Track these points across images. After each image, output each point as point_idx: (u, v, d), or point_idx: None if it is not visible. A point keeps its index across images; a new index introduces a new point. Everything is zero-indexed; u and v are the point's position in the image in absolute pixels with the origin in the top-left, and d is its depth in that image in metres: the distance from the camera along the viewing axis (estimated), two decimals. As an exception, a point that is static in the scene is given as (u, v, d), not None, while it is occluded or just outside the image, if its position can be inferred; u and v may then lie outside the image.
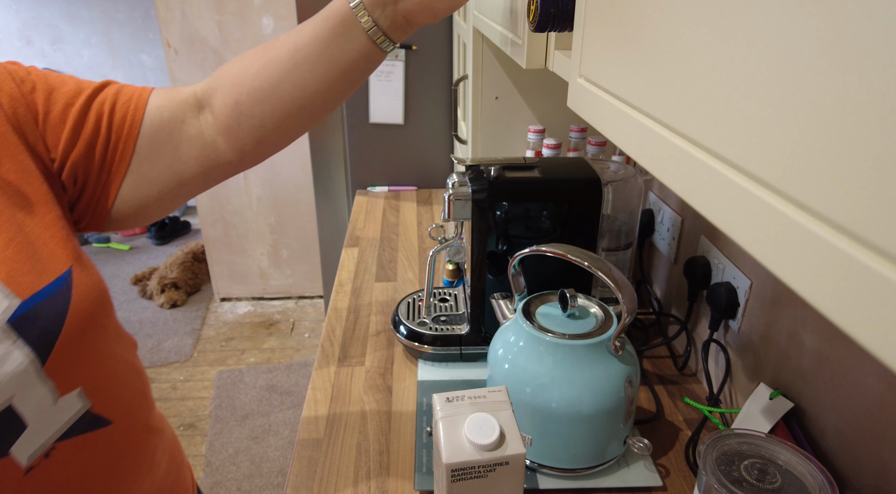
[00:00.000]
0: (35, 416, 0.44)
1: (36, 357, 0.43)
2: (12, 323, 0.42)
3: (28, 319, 0.43)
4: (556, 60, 0.60)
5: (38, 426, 0.44)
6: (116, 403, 0.52)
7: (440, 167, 1.72)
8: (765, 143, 0.22)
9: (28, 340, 0.43)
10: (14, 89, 0.49)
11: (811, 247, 0.20)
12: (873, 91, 0.17)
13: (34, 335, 0.43)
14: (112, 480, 0.52)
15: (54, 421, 0.46)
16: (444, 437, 0.53)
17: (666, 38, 0.31)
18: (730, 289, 0.76)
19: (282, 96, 0.55)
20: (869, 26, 0.17)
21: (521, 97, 1.19)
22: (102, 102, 0.53)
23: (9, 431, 0.43)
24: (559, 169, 0.82)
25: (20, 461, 0.44)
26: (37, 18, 2.67)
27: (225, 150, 0.57)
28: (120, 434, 0.52)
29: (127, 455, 0.54)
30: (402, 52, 1.57)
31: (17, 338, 0.42)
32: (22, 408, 0.43)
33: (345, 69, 0.55)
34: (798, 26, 0.20)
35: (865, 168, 0.17)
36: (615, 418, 0.66)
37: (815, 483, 0.49)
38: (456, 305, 0.96)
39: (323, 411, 0.81)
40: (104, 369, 0.51)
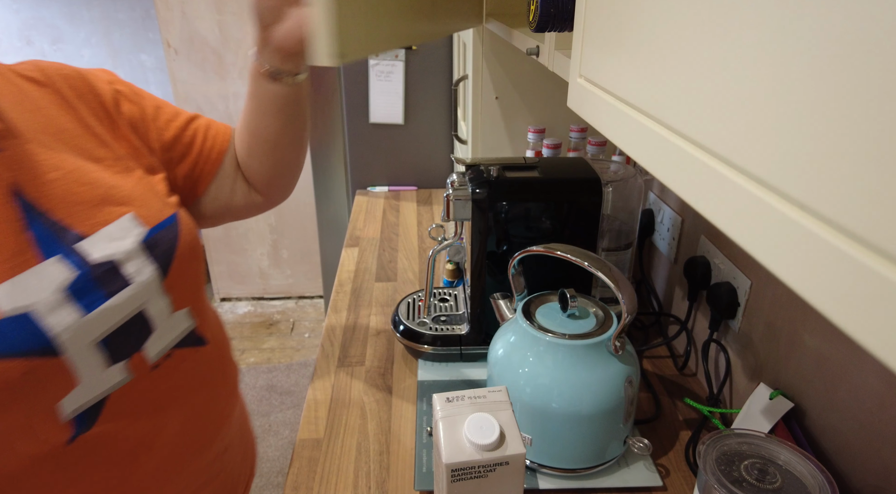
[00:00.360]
0: (159, 322, 0.56)
1: (160, 273, 0.56)
2: (145, 243, 0.55)
3: (154, 243, 0.56)
4: (556, 60, 0.60)
5: (161, 331, 0.56)
6: (210, 329, 0.64)
7: (440, 167, 1.72)
8: (764, 143, 0.22)
9: (155, 258, 0.55)
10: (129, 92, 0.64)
11: (811, 247, 0.20)
12: (872, 92, 0.17)
13: (158, 255, 0.56)
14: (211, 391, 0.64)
15: (171, 331, 0.58)
16: (444, 437, 0.53)
17: (665, 38, 0.31)
18: (730, 289, 0.76)
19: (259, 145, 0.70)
20: (867, 27, 0.17)
21: (521, 97, 1.19)
22: (197, 127, 0.70)
23: (141, 331, 0.54)
24: (559, 169, 0.82)
25: (149, 358, 0.55)
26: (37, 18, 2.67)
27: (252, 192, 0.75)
28: (214, 355, 0.64)
29: (218, 375, 0.66)
30: (402, 52, 1.57)
31: (148, 256, 0.55)
32: (150, 314, 0.55)
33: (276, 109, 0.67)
34: (796, 28, 0.20)
35: (865, 168, 0.17)
36: (615, 418, 0.66)
37: (815, 483, 0.49)
38: (456, 305, 0.96)
39: (323, 411, 0.81)
40: (201, 298, 0.63)
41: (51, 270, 0.48)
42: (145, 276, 0.54)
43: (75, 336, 0.49)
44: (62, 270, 0.49)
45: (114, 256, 0.52)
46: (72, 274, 0.49)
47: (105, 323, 0.51)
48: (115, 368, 0.52)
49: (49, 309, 0.47)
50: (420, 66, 1.60)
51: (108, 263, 0.52)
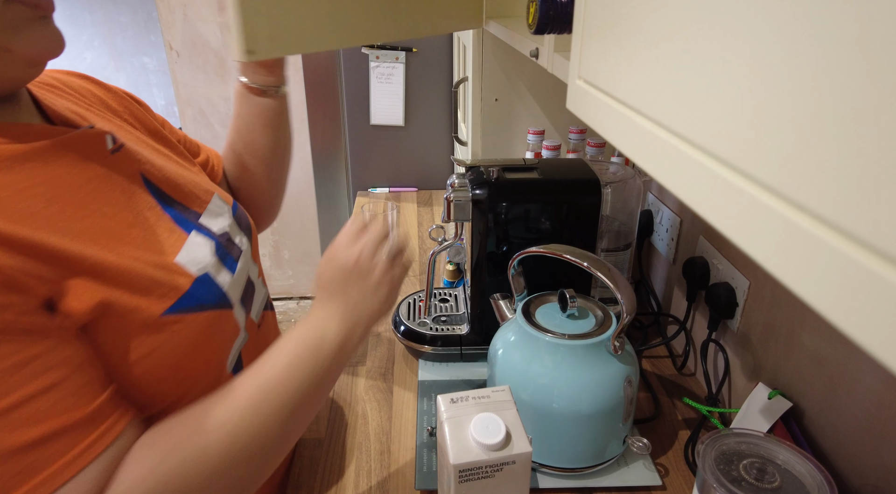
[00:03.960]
0: (256, 286, 0.64)
1: (248, 243, 0.64)
2: (234, 218, 0.63)
3: (239, 218, 0.65)
4: (555, 62, 0.60)
5: (257, 294, 0.64)
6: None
7: (440, 168, 1.72)
8: (762, 144, 0.23)
9: (243, 231, 0.64)
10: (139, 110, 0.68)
11: (809, 247, 0.20)
12: (872, 93, 0.17)
13: (244, 228, 0.64)
14: None
15: (261, 294, 0.66)
16: (450, 438, 0.53)
17: (664, 40, 0.31)
18: (728, 290, 0.76)
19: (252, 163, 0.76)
20: (866, 30, 0.17)
21: (520, 99, 1.20)
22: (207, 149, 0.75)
23: (250, 292, 0.62)
24: (559, 170, 0.83)
25: (255, 319, 0.63)
26: (38, 21, 2.67)
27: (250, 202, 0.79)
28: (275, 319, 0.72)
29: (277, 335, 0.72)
30: (403, 54, 1.58)
31: (239, 228, 0.63)
32: (251, 278, 0.63)
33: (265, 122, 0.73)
34: (795, 29, 0.21)
35: (863, 168, 0.17)
36: (615, 418, 0.66)
37: (813, 482, 0.49)
38: (456, 305, 0.97)
39: (324, 411, 0.81)
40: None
41: (198, 241, 0.55)
42: (245, 246, 0.63)
43: (232, 292, 0.56)
44: (205, 241, 0.56)
45: (225, 229, 0.61)
46: (211, 243, 0.57)
47: (240, 283, 0.59)
48: (245, 324, 0.60)
49: (216, 271, 0.55)
50: (420, 68, 1.61)
51: (225, 234, 0.60)
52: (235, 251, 0.60)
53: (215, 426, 0.46)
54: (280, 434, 0.49)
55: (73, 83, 0.60)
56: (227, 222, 0.61)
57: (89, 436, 0.41)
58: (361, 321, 0.55)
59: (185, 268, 0.51)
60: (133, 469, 0.43)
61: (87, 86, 0.61)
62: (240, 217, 0.65)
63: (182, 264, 0.51)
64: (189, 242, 0.54)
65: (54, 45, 0.46)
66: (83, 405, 0.42)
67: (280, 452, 0.50)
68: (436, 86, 1.63)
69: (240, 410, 0.47)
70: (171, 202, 0.56)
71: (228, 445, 0.46)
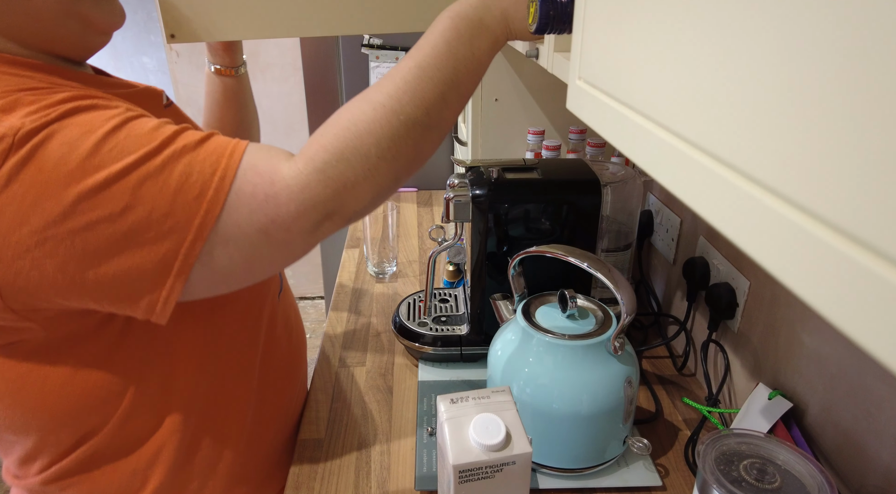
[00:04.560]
0: None
1: None
2: None
3: None
4: (555, 63, 0.60)
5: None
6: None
7: (440, 169, 1.72)
8: (762, 144, 0.23)
9: None
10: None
11: (809, 248, 0.20)
12: (872, 92, 0.17)
13: None
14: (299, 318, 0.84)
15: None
16: (450, 439, 0.53)
17: (664, 40, 0.31)
18: (728, 290, 0.76)
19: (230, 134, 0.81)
20: (867, 29, 0.17)
21: (520, 99, 1.20)
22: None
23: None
24: (559, 170, 0.83)
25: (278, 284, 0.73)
26: (38, 21, 2.68)
27: None
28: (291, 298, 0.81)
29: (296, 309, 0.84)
30: (403, 54, 1.58)
31: None
32: None
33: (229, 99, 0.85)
34: (795, 30, 0.21)
35: (863, 168, 0.17)
36: (615, 418, 0.66)
37: (814, 482, 0.49)
38: (456, 306, 0.97)
39: (324, 411, 0.81)
40: None
41: None
42: None
43: None
44: None
45: None
46: None
47: None
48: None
49: None
50: (420, 68, 1.60)
51: None
52: None
53: (385, 85, 0.50)
54: (440, 94, 0.51)
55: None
56: None
57: None
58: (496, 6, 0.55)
59: None
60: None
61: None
62: None
63: None
64: None
65: (121, 16, 0.57)
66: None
67: (439, 116, 0.52)
68: (436, 87, 1.62)
69: (402, 74, 0.51)
70: None
71: (394, 97, 0.50)
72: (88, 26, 0.54)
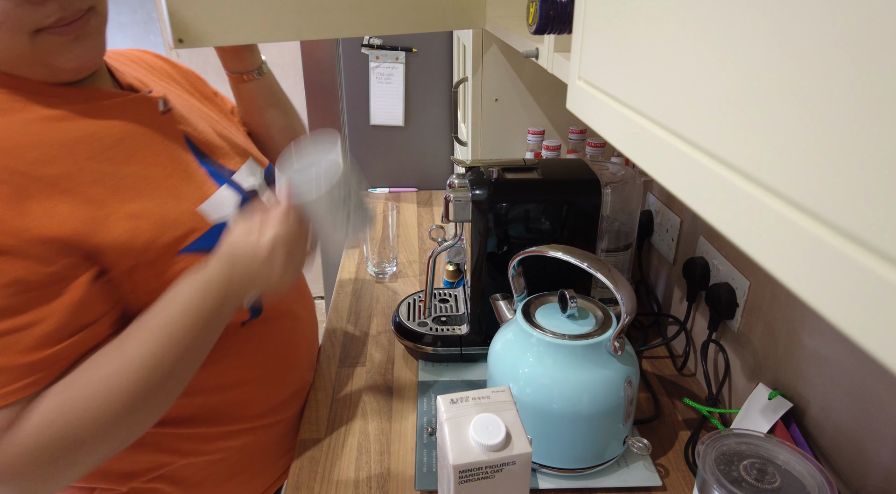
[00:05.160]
0: None
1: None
2: (265, 179, 0.72)
3: (269, 180, 0.73)
4: (555, 63, 0.60)
5: None
6: None
7: (440, 169, 1.72)
8: (762, 144, 0.23)
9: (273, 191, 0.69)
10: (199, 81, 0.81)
11: (809, 248, 0.20)
12: (872, 92, 0.17)
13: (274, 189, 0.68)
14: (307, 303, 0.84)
15: None
16: (449, 439, 0.53)
17: (664, 40, 0.31)
18: (728, 290, 0.76)
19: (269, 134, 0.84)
20: (866, 29, 0.17)
21: (520, 99, 1.20)
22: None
23: None
24: (559, 170, 0.83)
25: None
26: (38, 21, 2.68)
27: None
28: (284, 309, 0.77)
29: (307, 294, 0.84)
30: (403, 54, 1.58)
31: (269, 189, 0.71)
32: None
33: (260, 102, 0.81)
34: (795, 30, 0.21)
35: (863, 168, 0.17)
36: (615, 418, 0.66)
37: (814, 483, 0.49)
38: (456, 306, 0.97)
39: (324, 411, 0.81)
40: None
41: (227, 194, 0.63)
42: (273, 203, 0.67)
43: None
44: (233, 194, 0.64)
45: (255, 187, 0.69)
46: (238, 198, 0.65)
47: None
48: None
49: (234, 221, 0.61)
50: (420, 69, 1.60)
51: (254, 191, 0.68)
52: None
53: (111, 380, 0.50)
54: (161, 388, 0.53)
55: (147, 59, 0.73)
56: (258, 182, 0.70)
57: (18, 382, 0.47)
58: (247, 289, 0.56)
59: (207, 216, 0.60)
60: (34, 415, 0.47)
61: (158, 61, 0.75)
62: (270, 180, 0.73)
63: (204, 212, 0.60)
64: (218, 194, 0.62)
65: (90, 59, 0.54)
66: (31, 353, 0.47)
67: (164, 394, 0.54)
68: (436, 87, 1.63)
69: (133, 365, 0.51)
70: (208, 159, 0.65)
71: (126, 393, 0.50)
72: (58, 69, 0.52)
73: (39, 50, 0.50)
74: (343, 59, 1.63)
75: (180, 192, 0.59)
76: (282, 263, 0.54)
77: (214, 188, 0.63)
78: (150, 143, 0.59)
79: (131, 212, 0.54)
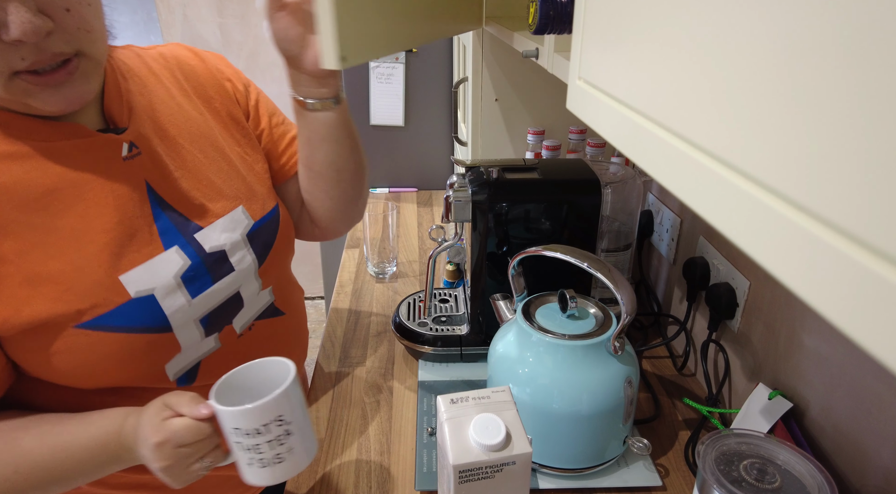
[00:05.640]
0: (248, 301, 0.66)
1: (258, 261, 0.66)
2: (248, 236, 0.64)
3: (256, 235, 0.65)
4: (555, 63, 0.60)
5: (248, 308, 0.66)
6: (290, 302, 0.75)
7: (440, 169, 1.72)
8: (762, 144, 0.23)
9: (254, 250, 0.65)
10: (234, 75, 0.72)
11: (809, 248, 0.20)
12: (871, 92, 0.17)
13: (258, 246, 0.66)
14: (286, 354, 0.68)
15: (255, 306, 0.67)
16: (449, 439, 0.53)
17: (664, 40, 0.31)
18: (728, 290, 0.76)
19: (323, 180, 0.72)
20: (866, 29, 0.17)
21: (520, 99, 1.20)
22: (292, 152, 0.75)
23: (233, 308, 0.64)
24: (559, 170, 0.83)
25: (236, 329, 0.65)
26: (38, 21, 2.67)
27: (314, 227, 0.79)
28: (290, 324, 0.74)
29: (292, 340, 0.76)
30: (403, 54, 1.58)
31: (248, 247, 0.65)
32: (243, 294, 0.65)
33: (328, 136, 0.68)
34: (794, 31, 0.21)
35: (863, 168, 0.17)
36: (615, 418, 0.66)
37: (814, 482, 0.49)
38: (456, 306, 0.97)
39: (324, 411, 0.81)
40: (285, 277, 0.74)
41: (170, 259, 0.57)
42: (246, 264, 0.64)
43: (183, 316, 0.58)
44: (178, 260, 0.58)
45: (224, 246, 0.62)
46: (185, 263, 0.58)
47: (207, 304, 0.60)
48: (210, 339, 0.62)
49: (165, 294, 0.56)
50: (420, 69, 1.61)
51: (218, 252, 0.61)
52: (221, 270, 0.61)
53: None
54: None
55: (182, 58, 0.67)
56: (233, 239, 0.63)
57: None
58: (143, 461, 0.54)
59: (126, 287, 0.54)
60: None
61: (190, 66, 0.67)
62: (258, 234, 0.66)
63: (125, 282, 0.54)
64: (158, 259, 0.56)
65: (72, 104, 0.50)
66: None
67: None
68: (436, 87, 1.63)
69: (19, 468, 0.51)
70: (171, 211, 0.59)
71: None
72: (38, 110, 0.50)
73: (14, 92, 0.47)
74: (343, 59, 1.63)
75: (107, 255, 0.53)
76: (169, 463, 0.51)
77: (158, 251, 0.57)
78: (99, 192, 0.54)
79: (36, 275, 0.50)
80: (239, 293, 0.64)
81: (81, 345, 0.52)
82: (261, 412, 0.51)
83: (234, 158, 0.67)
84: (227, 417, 0.51)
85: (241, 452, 0.53)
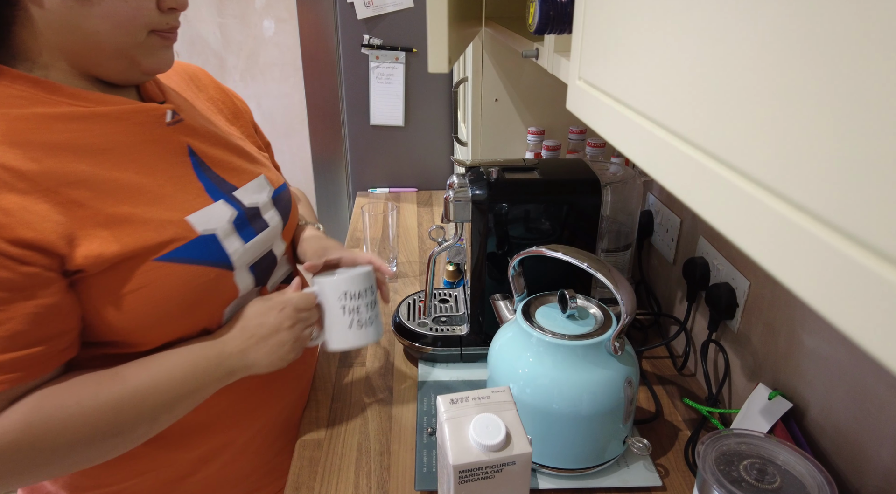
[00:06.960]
0: (279, 260, 0.73)
1: (282, 223, 0.73)
2: (273, 199, 0.73)
3: (278, 200, 0.74)
4: (555, 63, 0.60)
5: (279, 268, 0.74)
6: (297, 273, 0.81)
7: (440, 169, 1.72)
8: (763, 145, 0.23)
9: (279, 211, 0.73)
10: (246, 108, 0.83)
11: (809, 248, 0.20)
12: (871, 93, 0.17)
13: (281, 209, 0.74)
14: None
15: (282, 269, 0.75)
16: (449, 439, 0.53)
17: (664, 40, 0.31)
18: (728, 290, 0.76)
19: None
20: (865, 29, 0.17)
21: (520, 99, 1.20)
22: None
23: (270, 264, 0.71)
24: (559, 170, 0.83)
25: (269, 288, 0.72)
26: (38, 21, 2.67)
27: None
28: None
29: None
30: (403, 54, 1.58)
31: (275, 208, 0.73)
32: (275, 252, 0.72)
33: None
34: (794, 31, 0.21)
35: (863, 168, 0.17)
36: (615, 418, 0.66)
37: (814, 483, 0.49)
38: (456, 306, 0.97)
39: (324, 411, 0.81)
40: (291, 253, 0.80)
41: (221, 209, 0.64)
42: (275, 223, 0.71)
43: (240, 258, 0.64)
44: (227, 209, 0.65)
45: (257, 204, 0.69)
46: (233, 212, 0.65)
47: (255, 252, 0.67)
48: (256, 291, 0.69)
49: (225, 235, 0.63)
50: (420, 69, 1.61)
51: (254, 208, 0.69)
52: (259, 224, 0.69)
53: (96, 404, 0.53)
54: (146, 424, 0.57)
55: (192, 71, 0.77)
56: (262, 200, 0.71)
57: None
58: (254, 363, 0.63)
59: (193, 226, 0.60)
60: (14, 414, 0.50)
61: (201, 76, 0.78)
62: (280, 199, 0.74)
63: (191, 222, 0.60)
64: (211, 207, 0.63)
65: (168, 65, 0.60)
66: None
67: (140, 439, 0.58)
68: (436, 87, 1.63)
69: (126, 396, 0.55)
70: (210, 173, 0.66)
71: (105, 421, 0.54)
72: (135, 67, 0.57)
73: (145, 46, 0.56)
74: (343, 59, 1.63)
75: (169, 202, 0.59)
76: (292, 323, 0.64)
77: (208, 202, 0.63)
78: (148, 153, 0.60)
79: (112, 216, 0.54)
80: (272, 251, 0.71)
81: (157, 279, 0.56)
82: (363, 277, 0.69)
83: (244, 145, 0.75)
84: (338, 284, 0.68)
85: (344, 316, 0.69)
